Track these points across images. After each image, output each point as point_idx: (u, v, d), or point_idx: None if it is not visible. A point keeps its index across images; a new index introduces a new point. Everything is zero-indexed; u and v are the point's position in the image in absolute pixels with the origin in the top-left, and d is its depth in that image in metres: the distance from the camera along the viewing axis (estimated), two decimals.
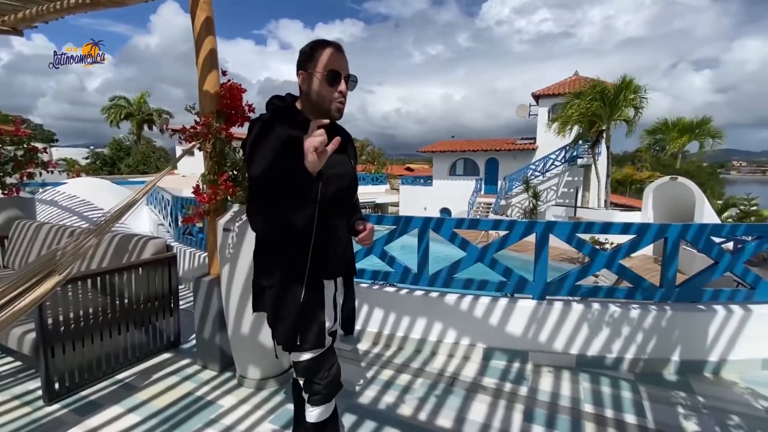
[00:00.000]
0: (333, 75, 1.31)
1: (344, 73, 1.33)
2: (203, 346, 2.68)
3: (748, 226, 2.84)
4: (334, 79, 1.31)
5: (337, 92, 1.32)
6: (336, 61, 1.33)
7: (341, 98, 1.34)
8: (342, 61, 1.35)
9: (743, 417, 2.21)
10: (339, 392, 1.50)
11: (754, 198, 15.38)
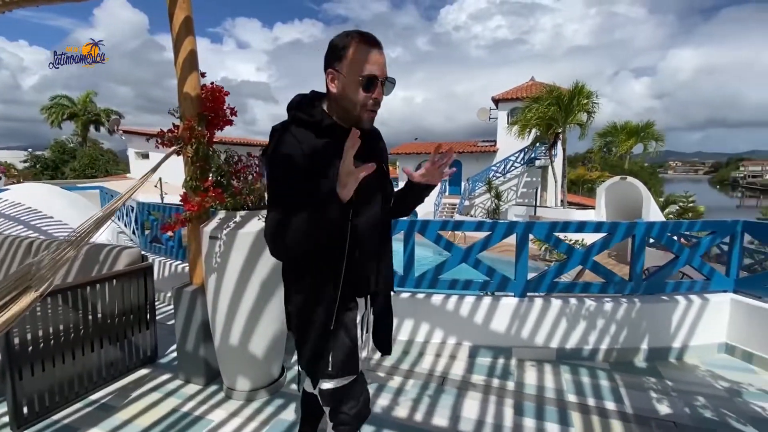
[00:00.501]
0: (369, 80, 1.13)
1: (381, 77, 1.15)
2: (186, 359, 2.56)
3: (703, 223, 3.12)
4: (369, 85, 1.14)
5: (371, 99, 1.16)
6: (373, 63, 1.14)
7: (375, 106, 1.18)
8: (380, 61, 1.15)
9: (707, 397, 2.42)
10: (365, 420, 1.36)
11: (692, 195, 16.84)
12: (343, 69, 1.15)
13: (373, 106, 1.18)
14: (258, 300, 2.28)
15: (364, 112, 1.18)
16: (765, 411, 2.28)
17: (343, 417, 1.30)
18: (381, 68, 1.15)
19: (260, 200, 2.41)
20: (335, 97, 1.19)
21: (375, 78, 1.14)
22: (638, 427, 2.15)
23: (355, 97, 1.15)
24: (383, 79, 1.16)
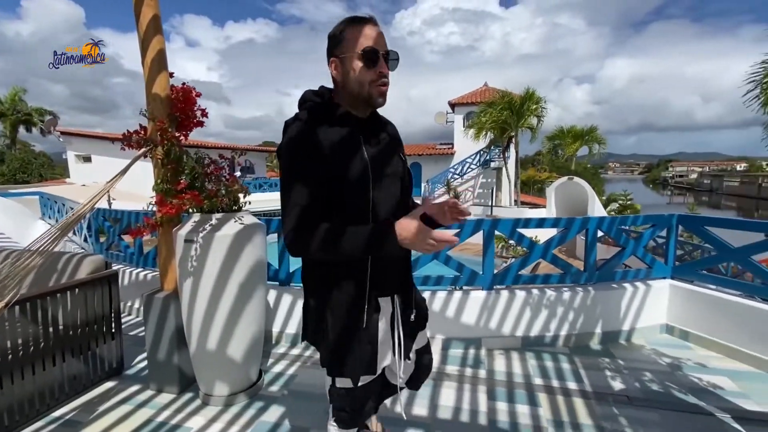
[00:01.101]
0: (371, 54, 1.10)
1: (383, 51, 1.12)
2: (157, 368, 2.48)
3: (645, 217, 3.48)
4: (371, 58, 1.10)
5: (377, 74, 1.12)
6: (367, 37, 1.10)
7: (383, 80, 1.13)
8: (379, 37, 1.12)
9: (653, 373, 2.70)
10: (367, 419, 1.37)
11: (629, 194, 18.37)
12: (343, 53, 1.12)
13: (381, 80, 1.13)
14: (236, 303, 2.26)
15: (372, 89, 1.13)
16: (701, 381, 2.59)
17: (344, 416, 1.31)
18: (377, 41, 1.12)
19: (235, 202, 2.39)
20: (342, 84, 1.16)
21: (374, 50, 1.11)
22: (597, 402, 2.37)
23: (360, 75, 1.12)
24: (384, 52, 1.13)
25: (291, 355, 3.01)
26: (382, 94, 1.15)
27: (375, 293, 1.22)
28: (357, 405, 1.29)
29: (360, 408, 1.31)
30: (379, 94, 1.15)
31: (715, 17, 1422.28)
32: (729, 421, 2.18)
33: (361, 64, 1.11)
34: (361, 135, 1.17)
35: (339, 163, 1.11)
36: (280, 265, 3.22)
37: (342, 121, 1.15)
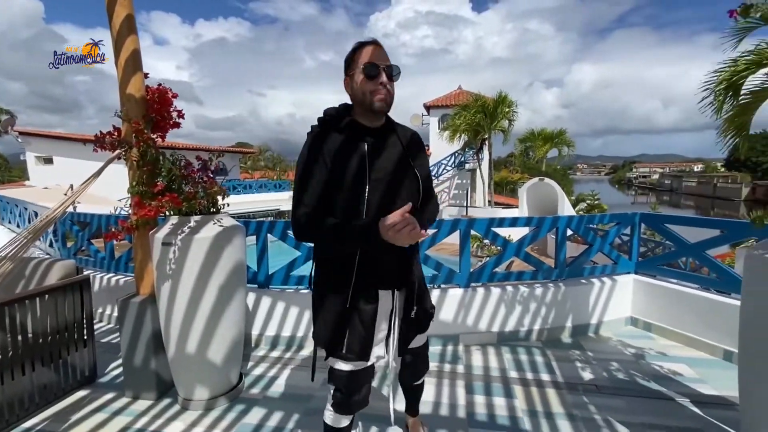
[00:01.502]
0: (370, 67, 1.30)
1: (383, 64, 1.31)
2: (133, 375, 2.42)
3: (610, 216, 3.67)
4: (371, 71, 1.30)
5: (378, 84, 1.30)
6: (373, 55, 1.31)
7: (382, 89, 1.31)
8: (380, 54, 1.32)
9: (619, 362, 2.87)
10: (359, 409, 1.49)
11: (597, 194, 19.16)
12: (351, 71, 1.34)
13: (380, 89, 1.31)
14: (216, 305, 2.25)
15: (373, 97, 1.32)
16: (662, 369, 2.77)
17: (338, 396, 1.44)
18: (378, 57, 1.32)
19: (214, 204, 2.38)
20: (352, 97, 1.37)
21: (374, 64, 1.30)
22: (568, 392, 2.49)
23: (362, 86, 1.32)
24: (384, 66, 1.31)
25: (271, 358, 3.00)
26: (380, 101, 1.32)
27: (371, 284, 1.37)
28: (351, 387, 1.43)
29: (353, 391, 1.43)
30: (377, 101, 1.32)
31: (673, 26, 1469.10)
32: (687, 405, 2.34)
33: (362, 76, 1.31)
34: (367, 142, 1.34)
35: (340, 166, 1.29)
36: (259, 268, 3.21)
37: (349, 130, 1.34)
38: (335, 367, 1.42)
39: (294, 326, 3.18)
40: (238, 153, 29.44)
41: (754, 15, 1.78)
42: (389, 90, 1.33)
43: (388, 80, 1.33)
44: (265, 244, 3.19)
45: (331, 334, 1.38)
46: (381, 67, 1.31)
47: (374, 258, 1.36)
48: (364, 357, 1.39)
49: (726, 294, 2.96)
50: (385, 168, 1.36)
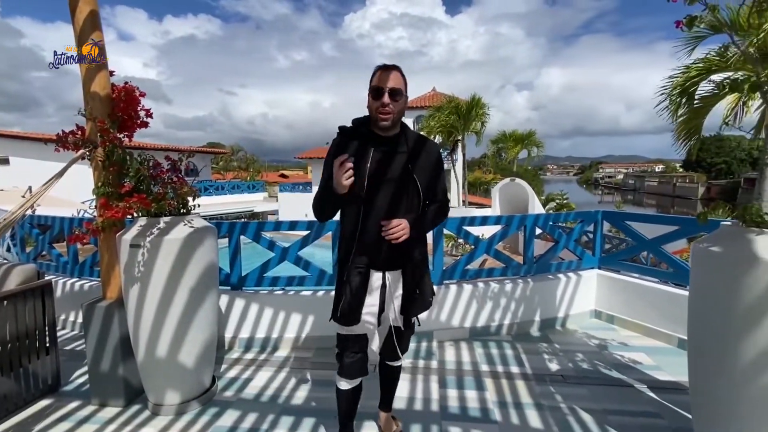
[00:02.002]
0: (375, 90, 1.58)
1: (385, 87, 1.57)
2: (100, 381, 2.35)
3: (575, 214, 3.84)
4: (375, 93, 1.58)
5: (380, 103, 1.57)
6: (379, 79, 1.59)
7: (383, 108, 1.58)
8: (385, 77, 1.58)
9: (584, 353, 3.01)
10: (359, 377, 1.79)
11: (565, 194, 19.89)
12: (368, 90, 1.63)
13: (381, 108, 1.58)
14: (187, 308, 2.22)
15: (377, 114, 1.61)
16: (623, 358, 2.93)
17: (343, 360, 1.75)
18: (383, 80, 1.58)
19: (184, 205, 2.34)
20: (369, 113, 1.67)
21: (379, 88, 1.58)
22: (537, 383, 2.60)
23: (370, 104, 1.62)
24: (388, 89, 1.57)
25: (245, 360, 2.97)
26: (382, 119, 1.60)
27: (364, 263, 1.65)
28: (344, 348, 1.74)
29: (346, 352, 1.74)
30: (381, 119, 1.60)
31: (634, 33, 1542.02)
32: (645, 391, 2.50)
33: (370, 97, 1.61)
34: (375, 149, 1.62)
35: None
36: (232, 269, 3.17)
37: (361, 137, 1.64)
38: (337, 331, 1.74)
39: (269, 328, 3.16)
40: (210, 153, 28.69)
41: (698, 25, 1.91)
42: (391, 109, 1.58)
43: (391, 100, 1.58)
44: (238, 245, 3.16)
45: (334, 301, 1.70)
46: (385, 90, 1.57)
47: (368, 243, 1.63)
48: (352, 323, 1.66)
49: (681, 286, 3.16)
50: (384, 171, 1.62)
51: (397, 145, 1.66)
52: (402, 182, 1.64)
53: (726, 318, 1.61)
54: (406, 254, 1.68)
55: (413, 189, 1.65)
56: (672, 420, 2.19)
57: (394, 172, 1.64)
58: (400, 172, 1.64)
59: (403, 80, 1.63)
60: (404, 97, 1.63)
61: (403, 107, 1.64)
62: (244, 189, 23.88)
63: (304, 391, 2.53)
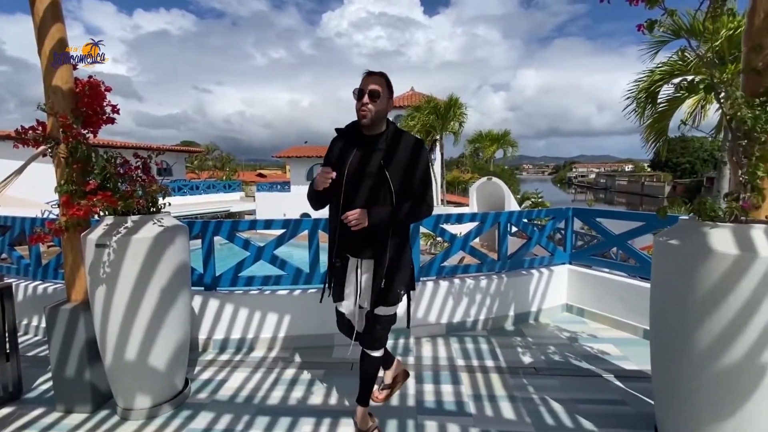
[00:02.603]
0: (357, 91, 1.80)
1: (366, 89, 1.77)
2: (65, 387, 2.26)
3: (546, 211, 3.95)
4: (358, 94, 1.79)
5: (361, 104, 1.78)
6: (363, 82, 1.80)
7: (362, 108, 1.78)
8: (367, 80, 1.79)
9: (555, 346, 3.10)
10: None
11: (540, 192, 20.42)
12: None
13: (360, 108, 1.78)
14: (157, 309, 2.17)
15: (359, 113, 1.81)
16: (592, 349, 3.03)
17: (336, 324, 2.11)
18: (365, 83, 1.79)
19: (154, 203, 2.28)
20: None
21: (360, 89, 1.79)
22: (510, 376, 2.66)
23: (355, 105, 1.81)
24: (368, 90, 1.77)
25: (220, 361, 2.92)
26: (362, 117, 1.80)
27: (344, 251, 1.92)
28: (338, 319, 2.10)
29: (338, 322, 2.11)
30: (360, 116, 1.80)
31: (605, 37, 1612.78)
32: (612, 380, 2.60)
33: (355, 98, 1.81)
34: (357, 147, 1.84)
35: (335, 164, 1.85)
36: (206, 270, 3.11)
37: (349, 138, 1.89)
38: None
39: (244, 328, 3.11)
40: (184, 152, 27.93)
41: (659, 29, 2.00)
42: (368, 109, 1.77)
43: (370, 101, 1.76)
44: (212, 244, 3.10)
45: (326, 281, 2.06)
46: (365, 91, 1.77)
47: (345, 233, 1.83)
48: (337, 300, 2.01)
49: (647, 280, 3.29)
50: (361, 166, 1.82)
51: (377, 143, 1.83)
52: (376, 178, 1.80)
53: (683, 307, 1.70)
54: (374, 244, 1.83)
55: (386, 185, 1.79)
56: (636, 406, 2.29)
57: (370, 168, 1.80)
58: (375, 169, 1.80)
59: (384, 83, 1.81)
60: (384, 98, 1.80)
61: (382, 108, 1.80)
62: (220, 188, 23.39)
63: (281, 391, 2.51)
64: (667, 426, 1.88)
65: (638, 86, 5.77)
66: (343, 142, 1.88)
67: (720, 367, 1.63)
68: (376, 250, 1.84)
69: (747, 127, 1.68)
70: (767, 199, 1.77)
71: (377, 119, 1.80)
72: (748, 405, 1.63)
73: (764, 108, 1.69)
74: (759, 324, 1.55)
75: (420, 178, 1.84)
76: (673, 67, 5.42)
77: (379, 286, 1.85)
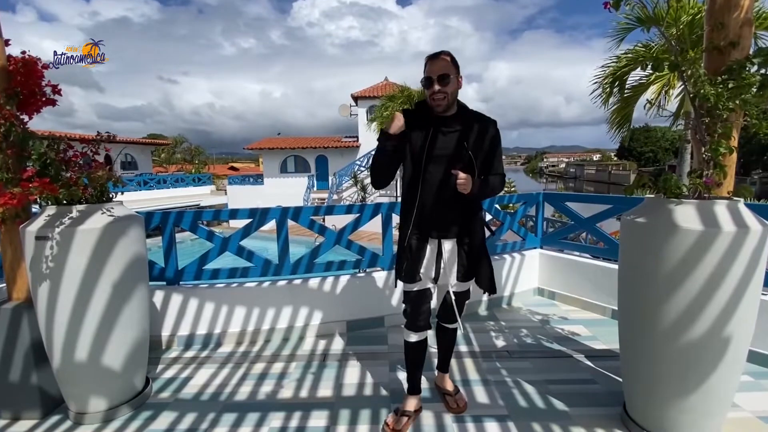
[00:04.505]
0: (425, 81, 1.77)
1: (434, 77, 1.73)
2: (9, 393, 2.08)
3: (518, 196, 3.98)
4: (426, 84, 1.77)
5: (431, 92, 1.76)
6: (429, 69, 1.76)
7: (434, 95, 1.76)
8: (433, 66, 1.75)
9: (527, 329, 3.13)
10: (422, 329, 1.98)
11: (513, 182, 20.86)
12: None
13: (433, 96, 1.76)
14: (110, 305, 2.02)
15: (432, 101, 1.79)
16: (563, 331, 3.08)
17: (405, 313, 1.98)
18: (431, 70, 1.75)
19: (102, 192, 2.11)
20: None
21: (428, 77, 1.76)
22: (483, 360, 2.66)
23: (426, 93, 1.80)
24: (436, 76, 1.74)
25: (185, 359, 2.78)
26: (437, 105, 1.78)
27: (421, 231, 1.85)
28: (409, 303, 1.94)
29: (411, 307, 1.94)
30: (435, 105, 1.79)
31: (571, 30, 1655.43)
32: (582, 360, 2.64)
33: (424, 87, 1.80)
34: (433, 127, 1.79)
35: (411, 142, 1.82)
36: (167, 263, 2.94)
37: (421, 118, 1.83)
38: (403, 288, 1.94)
39: (210, 323, 2.97)
40: (149, 145, 26.77)
41: (625, 6, 1.97)
42: (442, 95, 1.75)
43: (441, 86, 1.74)
44: (173, 236, 2.93)
45: (396, 264, 1.94)
46: (433, 78, 1.74)
47: (425, 213, 1.82)
48: (413, 280, 1.88)
49: (614, 261, 3.37)
50: (439, 146, 1.79)
51: (454, 123, 1.81)
52: (457, 157, 1.78)
53: (649, 284, 1.71)
54: (461, 221, 1.85)
55: (468, 163, 1.78)
56: (605, 384, 2.33)
57: (450, 148, 1.79)
58: (456, 148, 1.79)
59: (450, 63, 1.76)
60: (454, 79, 1.76)
61: (455, 88, 1.78)
62: (189, 182, 22.59)
63: (249, 386, 2.41)
64: (635, 402, 1.91)
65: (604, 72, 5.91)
66: (417, 122, 1.82)
67: (684, 342, 1.65)
68: (462, 227, 1.85)
69: (710, 104, 1.70)
70: (729, 176, 1.80)
71: (452, 102, 1.80)
72: (712, 378, 1.67)
73: (726, 85, 1.71)
74: (722, 298, 1.58)
75: (499, 157, 1.90)
76: (637, 54, 5.56)
77: (472, 261, 1.89)
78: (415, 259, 1.86)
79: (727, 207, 1.61)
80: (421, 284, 1.89)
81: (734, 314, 1.60)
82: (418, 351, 2.03)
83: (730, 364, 1.67)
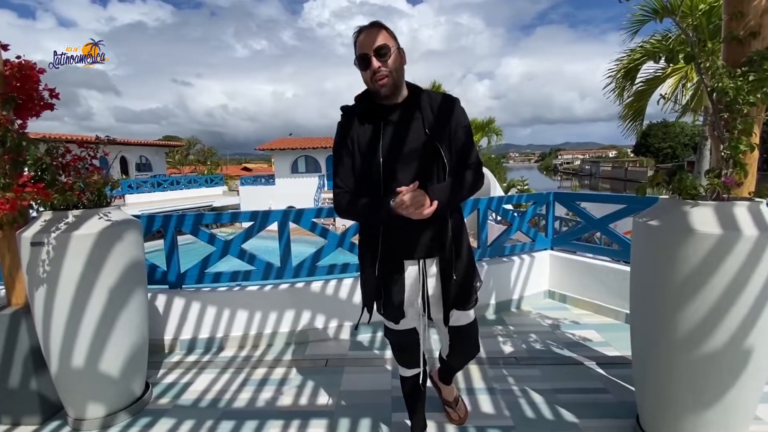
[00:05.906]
0: (360, 59, 1.38)
1: (369, 52, 1.35)
2: (9, 399, 2.08)
3: (527, 196, 3.86)
4: (361, 62, 1.38)
5: (371, 72, 1.37)
6: (360, 45, 1.38)
7: (376, 74, 1.36)
8: (367, 40, 1.36)
9: (537, 334, 3.02)
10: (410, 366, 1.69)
11: (526, 180, 20.51)
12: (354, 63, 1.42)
13: (375, 76, 1.37)
14: (108, 310, 2.00)
15: (374, 84, 1.39)
16: (574, 336, 2.96)
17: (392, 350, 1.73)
18: (364, 45, 1.37)
19: (99, 196, 2.09)
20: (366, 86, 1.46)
21: (362, 56, 1.37)
22: (490, 366, 2.57)
23: (363, 77, 1.42)
24: (372, 52, 1.35)
25: (186, 363, 2.76)
26: (381, 86, 1.38)
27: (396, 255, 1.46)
28: (394, 342, 1.65)
29: (397, 346, 1.66)
30: (380, 86, 1.38)
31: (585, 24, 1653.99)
32: (594, 367, 2.52)
33: (359, 68, 1.41)
34: (383, 121, 1.43)
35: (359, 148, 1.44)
36: (169, 267, 2.93)
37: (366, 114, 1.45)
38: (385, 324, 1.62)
39: (212, 327, 2.95)
40: (163, 147, 27.22)
41: None
42: (385, 71, 1.36)
43: (382, 63, 1.36)
44: (174, 239, 2.91)
45: (367, 299, 1.56)
46: (370, 55, 1.36)
47: (397, 230, 1.43)
48: (396, 319, 1.53)
49: (628, 263, 3.23)
50: (398, 143, 1.42)
51: (408, 110, 1.43)
52: (424, 154, 1.41)
53: (663, 291, 1.61)
54: (437, 235, 1.44)
55: (438, 160, 1.40)
56: (618, 394, 2.22)
57: (412, 143, 1.41)
58: (420, 144, 1.41)
59: (386, 33, 1.38)
60: (395, 51, 1.38)
61: (399, 63, 1.40)
62: (202, 183, 22.88)
63: (249, 392, 2.37)
64: (648, 414, 1.81)
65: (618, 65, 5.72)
66: (358, 121, 1.44)
67: (701, 353, 1.54)
68: (439, 243, 1.45)
69: (729, 99, 1.58)
70: (750, 174, 1.68)
71: (398, 81, 1.41)
72: (731, 391, 1.55)
73: (746, 78, 1.59)
74: (742, 307, 1.46)
75: (470, 142, 1.48)
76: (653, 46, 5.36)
77: (456, 285, 1.47)
78: (396, 294, 1.47)
79: (748, 209, 1.49)
80: (405, 323, 1.54)
81: (756, 323, 1.48)
82: (416, 388, 1.71)
83: (752, 375, 1.56)
